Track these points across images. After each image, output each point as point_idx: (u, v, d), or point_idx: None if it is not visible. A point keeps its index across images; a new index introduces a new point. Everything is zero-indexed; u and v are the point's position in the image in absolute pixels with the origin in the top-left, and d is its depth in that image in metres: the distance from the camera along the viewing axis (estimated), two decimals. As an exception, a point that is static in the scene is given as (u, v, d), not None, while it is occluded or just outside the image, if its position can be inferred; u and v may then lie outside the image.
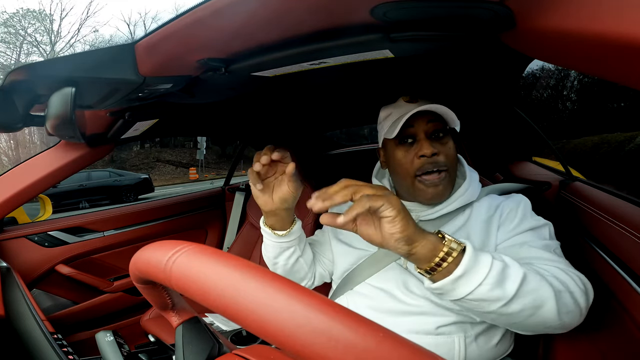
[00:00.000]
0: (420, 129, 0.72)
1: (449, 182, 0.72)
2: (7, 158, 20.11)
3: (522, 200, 0.73)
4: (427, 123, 0.72)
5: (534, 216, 0.71)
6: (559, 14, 0.33)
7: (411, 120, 0.71)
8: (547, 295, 0.51)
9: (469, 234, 0.70)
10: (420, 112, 0.70)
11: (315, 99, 1.26)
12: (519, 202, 0.72)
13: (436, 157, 0.70)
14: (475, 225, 0.71)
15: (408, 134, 0.73)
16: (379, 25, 0.50)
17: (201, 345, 0.39)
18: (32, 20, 20.98)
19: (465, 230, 0.71)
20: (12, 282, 0.85)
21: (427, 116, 0.71)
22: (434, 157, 0.70)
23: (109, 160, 17.18)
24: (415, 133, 0.72)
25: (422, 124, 0.72)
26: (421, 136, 0.71)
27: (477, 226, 0.70)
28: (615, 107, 9.91)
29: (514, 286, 0.49)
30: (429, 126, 0.72)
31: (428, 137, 0.72)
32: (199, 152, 15.86)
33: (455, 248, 0.49)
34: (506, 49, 0.51)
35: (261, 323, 0.22)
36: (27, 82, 0.62)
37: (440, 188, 0.70)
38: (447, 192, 0.72)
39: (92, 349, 1.31)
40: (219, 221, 1.87)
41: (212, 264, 0.27)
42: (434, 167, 0.70)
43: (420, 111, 0.70)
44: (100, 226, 1.45)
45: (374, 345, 0.20)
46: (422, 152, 0.70)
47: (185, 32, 0.54)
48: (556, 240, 0.68)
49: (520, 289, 0.49)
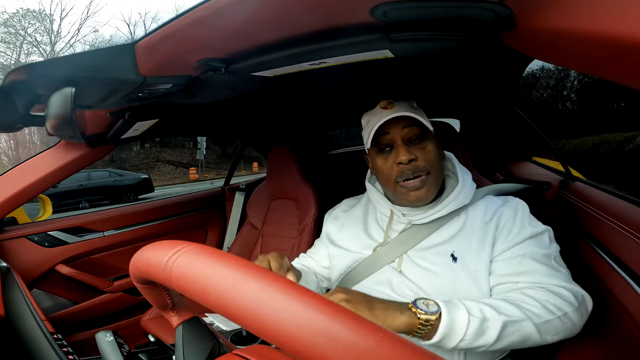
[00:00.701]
0: (396, 135, 0.72)
1: (432, 183, 0.72)
2: (7, 158, 20.11)
3: (519, 205, 0.72)
4: (403, 128, 0.72)
5: (533, 222, 0.70)
6: (559, 13, 0.33)
7: (386, 127, 0.72)
8: (529, 331, 0.55)
9: (470, 241, 0.69)
10: (396, 117, 0.71)
11: (315, 99, 1.26)
12: (516, 209, 0.71)
13: (414, 162, 0.70)
14: (472, 232, 0.70)
15: (385, 141, 0.73)
16: (379, 25, 0.50)
17: (201, 345, 0.39)
18: (32, 20, 20.98)
19: (465, 237, 0.70)
20: (12, 282, 0.85)
21: (403, 122, 0.72)
22: (411, 163, 0.70)
23: (109, 160, 17.17)
24: (393, 140, 0.73)
25: (397, 130, 0.72)
26: (398, 142, 0.72)
27: (475, 232, 0.70)
28: (615, 107, 9.90)
29: (494, 335, 0.54)
30: (405, 132, 0.72)
31: (406, 143, 0.72)
32: (199, 152, 15.86)
33: (431, 319, 0.52)
34: (506, 49, 0.51)
35: (261, 323, 0.22)
36: (27, 82, 0.62)
37: (422, 190, 0.71)
38: (431, 193, 0.72)
39: (92, 349, 1.31)
40: (219, 221, 1.87)
41: (212, 264, 0.27)
42: (413, 173, 0.70)
43: (397, 117, 0.70)
44: (100, 226, 1.45)
45: (374, 345, 0.20)
46: (399, 159, 0.70)
47: (185, 32, 0.54)
48: (556, 245, 0.68)
49: (501, 334, 0.54)
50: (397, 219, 0.77)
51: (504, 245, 0.67)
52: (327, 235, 0.90)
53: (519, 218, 0.69)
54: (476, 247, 0.68)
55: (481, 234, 0.69)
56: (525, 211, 0.71)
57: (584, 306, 0.61)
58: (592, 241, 0.78)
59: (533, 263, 0.63)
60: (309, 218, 1.43)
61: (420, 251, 0.72)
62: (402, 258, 0.73)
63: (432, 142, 0.74)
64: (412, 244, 0.73)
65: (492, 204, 0.74)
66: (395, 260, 0.73)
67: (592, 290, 0.72)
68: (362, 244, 0.79)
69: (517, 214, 0.70)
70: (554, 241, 0.68)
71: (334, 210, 0.94)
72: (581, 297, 0.61)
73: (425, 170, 0.71)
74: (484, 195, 0.78)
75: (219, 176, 17.20)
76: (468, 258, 0.67)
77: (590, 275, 0.76)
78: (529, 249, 0.65)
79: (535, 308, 0.57)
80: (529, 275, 0.63)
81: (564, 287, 0.61)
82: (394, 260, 0.73)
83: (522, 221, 0.69)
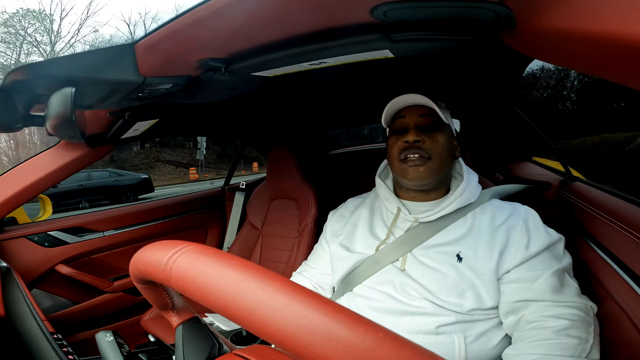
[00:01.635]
0: (411, 120, 0.77)
1: (432, 169, 0.74)
2: (7, 158, 20.10)
3: (529, 215, 0.72)
4: (419, 117, 0.76)
5: (546, 231, 0.70)
6: (559, 13, 0.33)
7: (404, 111, 0.77)
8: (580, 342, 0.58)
9: (477, 243, 0.69)
10: (414, 105, 0.76)
11: (315, 99, 1.26)
12: (526, 219, 0.71)
13: (419, 144, 0.74)
14: (480, 235, 0.70)
15: (400, 124, 0.78)
16: (379, 25, 0.50)
17: (201, 345, 0.39)
18: (32, 20, 20.97)
19: (472, 239, 0.70)
20: (12, 282, 0.85)
21: (420, 110, 0.76)
22: (416, 144, 0.74)
23: (109, 160, 17.16)
24: (407, 124, 0.77)
25: (413, 116, 0.77)
26: (411, 126, 0.76)
27: (483, 236, 0.70)
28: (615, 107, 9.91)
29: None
30: (420, 119, 0.76)
31: (418, 128, 0.76)
32: (199, 152, 15.86)
33: None
34: (506, 49, 0.51)
35: (261, 323, 0.22)
36: (27, 82, 0.62)
37: (421, 169, 0.73)
38: (429, 176, 0.74)
39: (92, 349, 1.31)
40: (219, 221, 1.87)
41: (212, 264, 0.27)
42: (416, 152, 0.74)
43: (415, 105, 0.75)
44: (100, 226, 1.45)
45: (374, 345, 0.20)
46: (406, 138, 0.75)
47: (185, 32, 0.54)
48: (569, 255, 0.69)
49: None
50: (403, 217, 0.77)
51: (517, 258, 0.67)
52: (332, 234, 0.89)
53: (532, 227, 0.69)
54: (483, 250, 0.68)
55: (489, 238, 0.69)
56: (535, 219, 0.71)
57: (593, 318, 0.63)
58: (592, 241, 0.78)
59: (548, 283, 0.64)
60: (309, 218, 1.43)
61: (425, 249, 0.72)
62: (406, 257, 0.73)
63: (445, 135, 0.76)
64: (418, 242, 0.73)
65: (501, 209, 0.74)
66: (399, 259, 0.73)
67: (592, 290, 0.72)
68: (366, 243, 0.79)
69: (528, 225, 0.70)
70: (567, 252, 0.70)
71: (339, 209, 0.94)
72: (590, 308, 0.63)
73: (428, 154, 0.74)
74: (490, 197, 0.78)
75: (219, 176, 17.20)
76: (474, 260, 0.67)
77: (589, 275, 0.76)
78: (544, 266, 0.66)
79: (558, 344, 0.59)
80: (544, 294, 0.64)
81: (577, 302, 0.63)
82: (397, 259, 0.73)
83: (536, 229, 0.69)
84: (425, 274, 0.69)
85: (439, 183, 0.77)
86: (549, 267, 0.65)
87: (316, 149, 2.08)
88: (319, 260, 0.90)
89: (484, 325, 0.66)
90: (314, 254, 0.94)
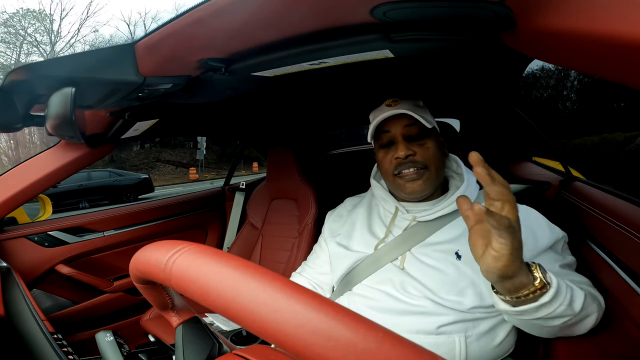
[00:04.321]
0: (397, 132, 0.75)
1: (429, 178, 0.73)
2: (7, 158, 20.10)
3: (529, 214, 0.72)
4: (405, 127, 0.75)
5: (549, 228, 0.70)
6: (559, 14, 0.33)
7: (388, 125, 0.76)
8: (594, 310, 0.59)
9: None
10: (398, 115, 0.74)
11: (315, 99, 1.26)
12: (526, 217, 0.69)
13: (412, 157, 0.73)
14: None
15: (387, 138, 0.77)
16: (379, 25, 0.50)
17: (201, 345, 0.39)
18: (32, 20, 20.97)
19: None
20: (12, 282, 0.85)
21: (404, 120, 0.75)
22: (409, 158, 0.73)
23: (109, 160, 17.16)
24: (393, 136, 0.76)
25: (398, 127, 0.75)
26: (398, 139, 0.75)
27: None
28: (615, 107, 9.91)
29: (579, 305, 0.55)
30: (406, 129, 0.75)
31: (406, 139, 0.75)
32: (199, 152, 15.86)
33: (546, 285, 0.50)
34: (506, 49, 0.51)
35: (261, 323, 0.22)
36: (27, 82, 0.62)
37: (419, 182, 0.73)
38: (427, 186, 0.74)
39: (92, 349, 1.31)
40: (219, 221, 1.87)
41: (212, 264, 0.27)
42: (410, 167, 0.73)
43: (398, 115, 0.74)
44: (100, 226, 1.45)
45: (374, 345, 0.20)
46: (397, 154, 0.74)
47: (185, 32, 0.54)
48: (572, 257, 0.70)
49: (584, 304, 0.55)
50: (401, 216, 0.77)
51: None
52: (330, 233, 0.89)
53: (536, 226, 0.69)
54: None
55: None
56: (537, 218, 0.71)
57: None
58: (592, 241, 0.78)
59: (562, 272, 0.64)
60: (309, 218, 1.43)
61: (424, 247, 0.72)
62: (405, 255, 0.73)
63: (434, 139, 0.76)
64: (416, 241, 0.73)
65: None
66: (398, 258, 0.73)
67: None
68: (364, 242, 0.79)
69: (531, 223, 0.69)
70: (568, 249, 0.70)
71: (337, 209, 0.94)
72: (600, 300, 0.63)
73: (423, 165, 0.73)
74: None
75: (219, 176, 17.20)
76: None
77: (590, 275, 0.76)
78: (551, 262, 0.65)
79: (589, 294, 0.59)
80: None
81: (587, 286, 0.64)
82: (396, 258, 0.73)
83: (539, 227, 0.69)
84: (425, 272, 0.69)
85: (437, 187, 0.77)
86: (554, 263, 0.66)
87: (316, 149, 2.08)
88: (318, 260, 0.90)
89: (485, 324, 0.66)
90: (313, 253, 0.94)
